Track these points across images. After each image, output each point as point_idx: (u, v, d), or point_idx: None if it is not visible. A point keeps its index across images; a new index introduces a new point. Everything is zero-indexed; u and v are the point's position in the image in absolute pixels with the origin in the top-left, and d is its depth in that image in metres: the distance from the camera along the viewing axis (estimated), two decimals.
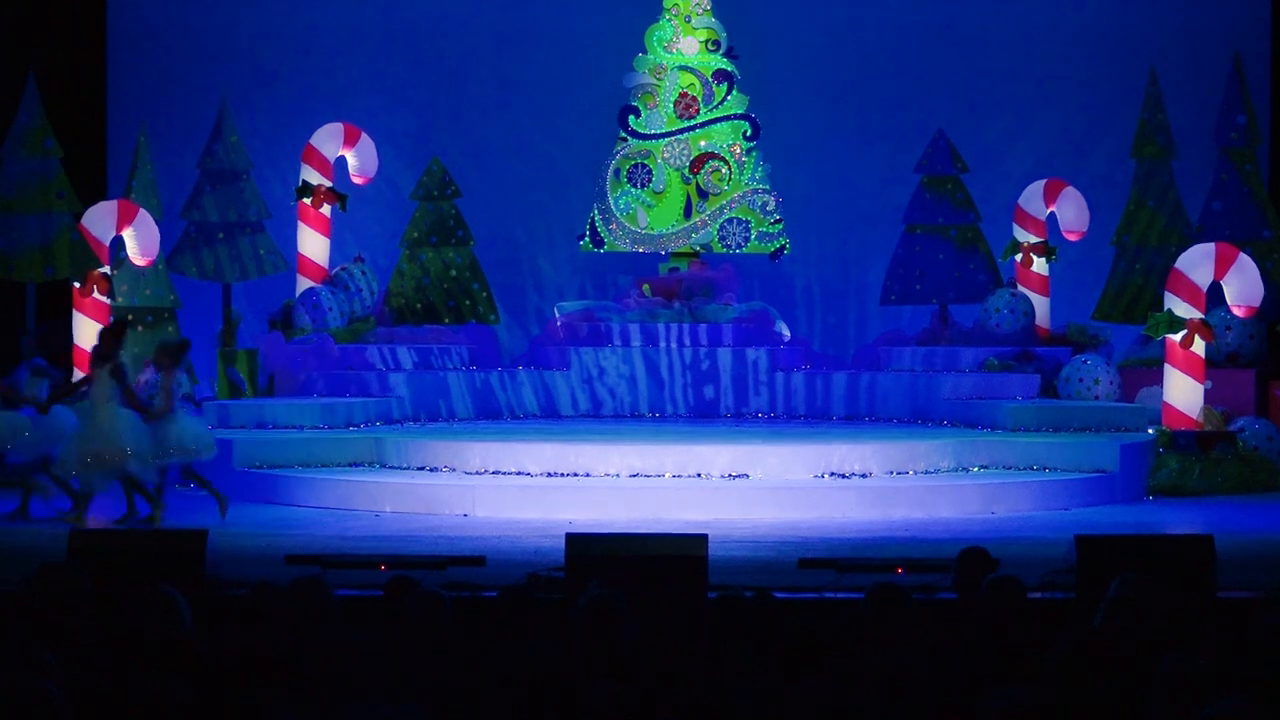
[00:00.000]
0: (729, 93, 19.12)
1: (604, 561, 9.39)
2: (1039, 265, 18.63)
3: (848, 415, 17.86)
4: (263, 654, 6.09)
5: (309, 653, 6.02)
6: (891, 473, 14.82)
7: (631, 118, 19.10)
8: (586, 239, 19.19)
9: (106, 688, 5.63)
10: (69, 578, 7.16)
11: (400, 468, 15.17)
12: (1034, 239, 18.61)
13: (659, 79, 19.13)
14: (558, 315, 18.93)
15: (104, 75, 20.86)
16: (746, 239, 19.05)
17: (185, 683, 5.50)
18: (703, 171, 19.04)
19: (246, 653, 6.09)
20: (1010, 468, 15.31)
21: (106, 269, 17.90)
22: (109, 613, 6.92)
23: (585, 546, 9.57)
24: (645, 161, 19.06)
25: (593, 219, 19.14)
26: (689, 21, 19.21)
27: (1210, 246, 16.28)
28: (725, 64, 19.16)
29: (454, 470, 14.82)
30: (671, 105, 19.08)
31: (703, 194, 19.07)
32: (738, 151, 19.06)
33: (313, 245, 18.87)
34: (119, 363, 13.50)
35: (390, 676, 6.08)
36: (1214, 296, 16.39)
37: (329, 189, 18.91)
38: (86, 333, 17.80)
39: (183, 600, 6.80)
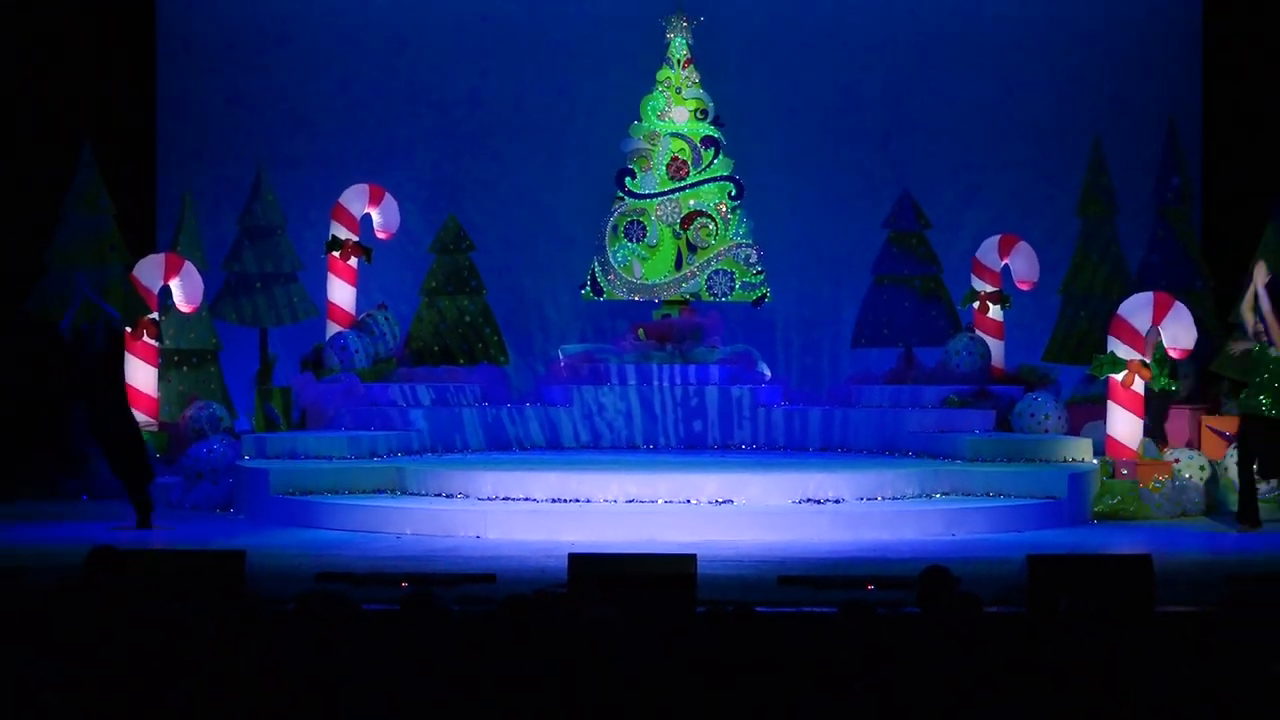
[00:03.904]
0: (716, 157, 19.14)
1: (603, 579, 9.38)
2: (994, 312, 18.64)
3: (823, 447, 17.84)
4: (295, 667, 6.02)
5: (335, 666, 5.97)
6: (862, 499, 14.78)
7: (628, 179, 19.12)
8: (588, 288, 19.19)
9: (128, 706, 5.47)
10: (85, 594, 7.00)
11: (419, 494, 15.13)
12: (990, 288, 18.63)
13: (653, 144, 19.15)
14: (561, 357, 18.92)
15: (153, 142, 20.94)
16: (731, 288, 19.06)
17: (212, 698, 5.39)
18: (692, 228, 19.05)
19: (282, 666, 6.02)
20: (969, 494, 15.27)
21: (155, 315, 17.94)
22: (134, 631, 6.76)
23: (586, 565, 9.56)
24: (640, 219, 19.07)
25: (593, 270, 19.14)
26: (680, 93, 19.24)
27: (1149, 295, 16.29)
28: (712, 131, 19.19)
29: (468, 497, 14.78)
30: (664, 168, 19.11)
31: (692, 248, 19.08)
32: (724, 210, 19.08)
33: (341, 294, 18.87)
34: None
35: (405, 691, 6.04)
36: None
37: (356, 243, 18.92)
38: (137, 373, 17.83)
39: (207, 617, 6.67)
